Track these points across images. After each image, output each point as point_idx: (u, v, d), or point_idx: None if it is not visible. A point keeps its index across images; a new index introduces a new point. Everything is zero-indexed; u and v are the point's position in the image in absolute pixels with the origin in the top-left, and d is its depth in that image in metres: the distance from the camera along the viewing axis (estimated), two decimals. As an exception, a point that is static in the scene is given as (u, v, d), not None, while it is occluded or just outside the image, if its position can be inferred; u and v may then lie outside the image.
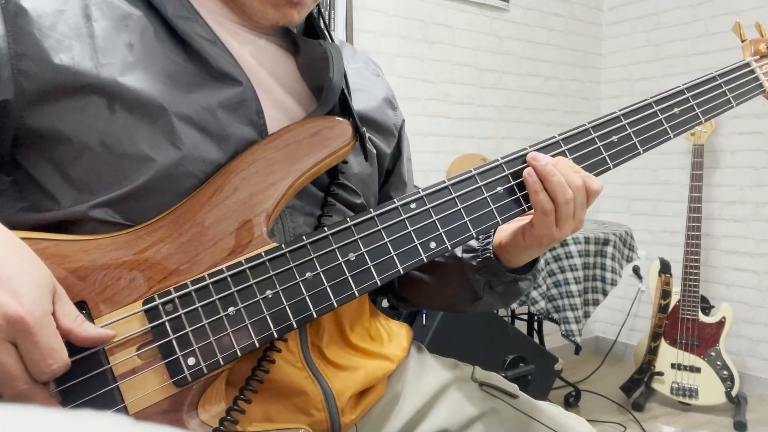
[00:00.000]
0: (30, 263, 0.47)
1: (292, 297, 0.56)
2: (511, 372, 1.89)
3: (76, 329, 0.48)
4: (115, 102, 0.55)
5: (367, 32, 2.31)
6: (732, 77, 0.78)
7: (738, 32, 0.86)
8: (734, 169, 2.63)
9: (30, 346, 0.43)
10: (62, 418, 0.24)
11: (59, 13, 0.56)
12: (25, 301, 0.43)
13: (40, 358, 0.44)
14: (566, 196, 0.62)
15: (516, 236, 0.67)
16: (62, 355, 0.45)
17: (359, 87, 0.74)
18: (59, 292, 0.48)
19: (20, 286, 0.44)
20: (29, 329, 0.43)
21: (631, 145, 0.70)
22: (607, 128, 0.69)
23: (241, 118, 0.60)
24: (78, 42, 0.55)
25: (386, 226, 0.60)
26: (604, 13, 3.11)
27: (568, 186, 0.62)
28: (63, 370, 0.45)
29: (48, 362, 0.44)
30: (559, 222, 0.64)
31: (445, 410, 0.73)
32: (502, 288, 0.72)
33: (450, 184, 0.63)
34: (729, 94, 0.77)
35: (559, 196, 0.62)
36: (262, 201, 0.58)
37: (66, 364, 0.46)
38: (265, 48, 0.67)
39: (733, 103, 0.77)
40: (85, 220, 0.55)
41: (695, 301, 2.37)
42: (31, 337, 0.43)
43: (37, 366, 0.44)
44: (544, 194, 0.63)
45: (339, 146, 0.62)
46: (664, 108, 0.72)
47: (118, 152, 0.55)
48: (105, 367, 0.51)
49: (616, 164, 0.69)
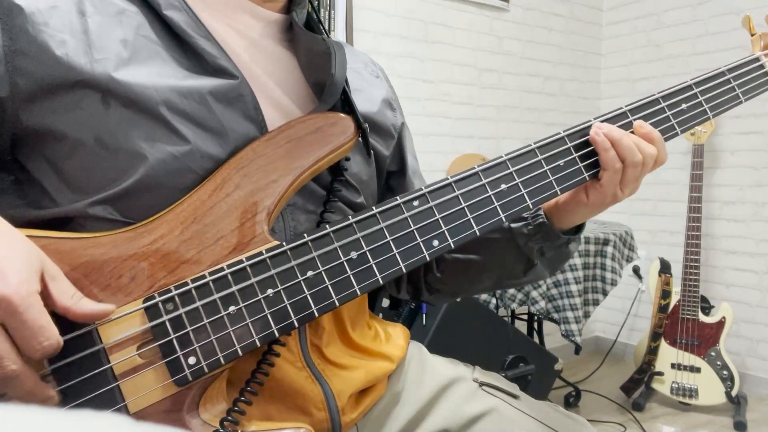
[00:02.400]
0: (16, 243, 0.46)
1: (294, 296, 0.55)
2: (511, 372, 1.88)
3: (74, 306, 0.47)
4: (109, 97, 0.55)
5: (367, 32, 2.31)
6: (741, 72, 0.76)
7: (748, 26, 0.83)
8: (734, 169, 2.63)
9: (17, 324, 0.43)
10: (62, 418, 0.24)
11: (53, 9, 0.55)
12: (11, 281, 0.43)
13: (30, 336, 0.43)
14: (635, 159, 0.66)
15: (578, 195, 0.70)
16: (52, 333, 0.45)
17: (358, 88, 0.73)
18: (52, 271, 0.48)
19: (5, 267, 0.43)
20: (15, 308, 0.42)
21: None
22: (614, 124, 0.68)
23: (239, 113, 0.60)
24: (72, 38, 0.55)
25: (388, 224, 0.59)
26: (604, 13, 3.11)
27: (637, 150, 0.66)
28: (54, 347, 0.45)
29: (38, 340, 0.44)
30: (623, 182, 0.67)
31: (445, 410, 0.73)
32: (553, 253, 0.75)
33: (453, 181, 0.62)
34: (738, 89, 0.75)
35: (628, 156, 0.65)
36: (263, 198, 0.57)
37: (57, 341, 0.45)
38: (261, 44, 0.66)
39: (741, 99, 0.75)
40: (85, 217, 0.55)
41: (695, 301, 2.37)
42: (19, 316, 0.43)
43: (28, 344, 0.44)
44: (613, 152, 0.65)
45: (341, 143, 0.61)
46: (672, 104, 0.71)
47: (113, 148, 0.54)
48: (105, 366, 0.50)
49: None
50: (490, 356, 1.88)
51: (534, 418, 0.73)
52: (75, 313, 0.48)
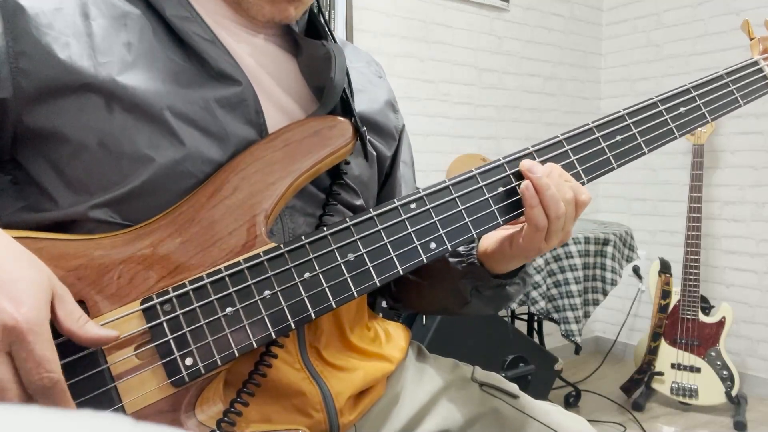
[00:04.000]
0: (29, 268, 0.46)
1: (291, 297, 0.56)
2: (511, 372, 1.88)
3: (78, 330, 0.47)
4: (113, 101, 0.55)
5: (367, 32, 2.31)
6: (740, 76, 0.76)
7: (746, 30, 0.83)
8: (734, 169, 2.62)
9: (24, 354, 0.42)
10: (62, 418, 0.24)
11: (57, 11, 0.55)
12: (23, 308, 0.42)
13: (33, 368, 0.42)
14: (558, 212, 0.61)
15: (502, 245, 0.66)
16: (54, 367, 0.44)
17: (361, 88, 0.73)
18: (60, 293, 0.47)
19: (19, 292, 0.43)
20: (24, 337, 0.42)
21: (636, 145, 0.69)
22: (611, 128, 0.68)
23: (240, 118, 0.60)
24: (76, 40, 0.55)
25: (386, 226, 0.60)
26: (604, 13, 3.11)
27: (560, 200, 0.61)
28: (54, 381, 0.44)
29: (39, 371, 0.43)
30: (548, 236, 0.62)
31: (445, 410, 0.73)
32: (491, 292, 0.71)
33: (451, 184, 0.62)
34: (737, 93, 0.75)
35: (551, 211, 0.61)
36: (261, 201, 0.57)
37: (59, 376, 0.44)
38: (265, 48, 0.67)
39: (740, 102, 0.75)
40: (85, 220, 0.55)
41: (695, 301, 2.37)
42: (26, 345, 0.42)
43: (29, 374, 0.43)
44: (540, 209, 0.61)
45: (339, 146, 0.61)
46: (670, 107, 0.71)
47: (117, 152, 0.55)
48: (103, 366, 0.50)
49: (620, 164, 0.68)
50: (490, 356, 1.88)
51: (534, 418, 0.73)
52: (80, 336, 0.47)
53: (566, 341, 2.43)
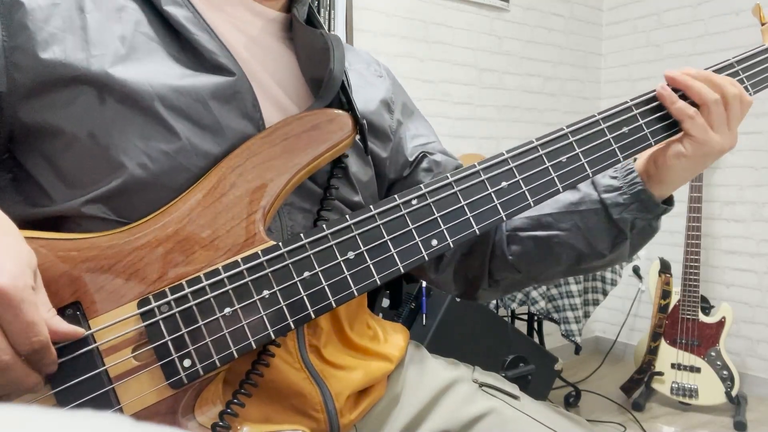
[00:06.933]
0: (13, 239, 0.46)
1: (290, 297, 0.55)
2: (511, 372, 1.88)
3: (49, 320, 0.47)
4: (105, 93, 0.54)
5: (367, 32, 2.31)
6: (751, 63, 0.73)
7: (758, 15, 0.80)
8: (734, 169, 2.62)
9: (10, 318, 0.43)
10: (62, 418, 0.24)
11: (53, 5, 0.55)
12: (7, 274, 0.43)
13: (21, 330, 0.43)
14: (713, 96, 0.64)
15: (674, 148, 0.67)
16: (42, 330, 0.44)
17: (357, 89, 0.72)
18: (39, 279, 0.47)
19: (3, 260, 0.43)
20: (10, 301, 0.42)
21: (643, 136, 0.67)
22: (617, 119, 0.67)
23: (236, 111, 0.59)
24: (71, 34, 0.55)
25: (386, 222, 0.59)
26: (604, 13, 3.11)
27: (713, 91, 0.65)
28: (42, 344, 0.45)
29: (28, 335, 0.43)
30: (712, 124, 0.65)
31: (445, 411, 0.72)
32: (643, 225, 0.71)
33: (453, 180, 0.61)
34: (747, 81, 0.72)
35: (705, 96, 0.64)
36: (259, 198, 0.57)
37: (46, 338, 0.45)
38: (262, 39, 0.66)
39: (750, 91, 0.72)
40: (79, 217, 0.55)
41: (695, 301, 2.37)
42: (13, 309, 0.43)
43: (18, 338, 0.43)
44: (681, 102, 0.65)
45: (338, 140, 0.60)
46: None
47: (105, 144, 0.54)
48: (100, 368, 0.50)
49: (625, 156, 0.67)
50: (490, 356, 1.88)
51: (534, 418, 0.73)
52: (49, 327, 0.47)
53: (566, 341, 2.42)
